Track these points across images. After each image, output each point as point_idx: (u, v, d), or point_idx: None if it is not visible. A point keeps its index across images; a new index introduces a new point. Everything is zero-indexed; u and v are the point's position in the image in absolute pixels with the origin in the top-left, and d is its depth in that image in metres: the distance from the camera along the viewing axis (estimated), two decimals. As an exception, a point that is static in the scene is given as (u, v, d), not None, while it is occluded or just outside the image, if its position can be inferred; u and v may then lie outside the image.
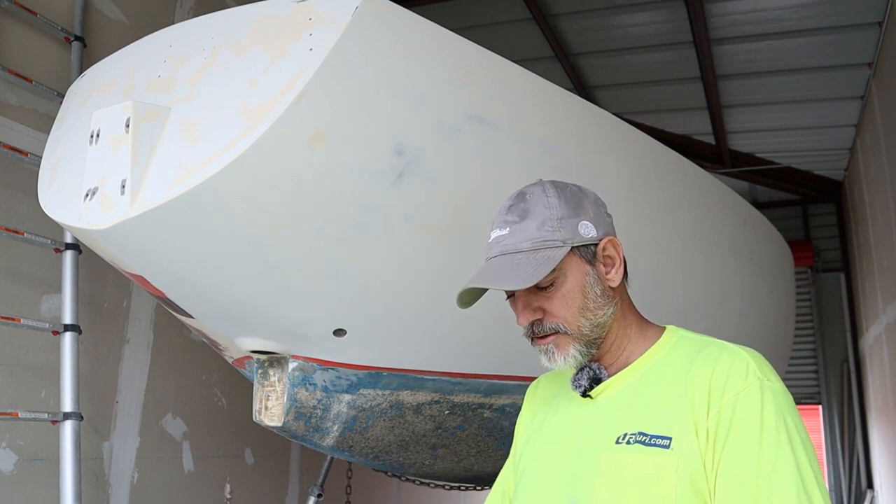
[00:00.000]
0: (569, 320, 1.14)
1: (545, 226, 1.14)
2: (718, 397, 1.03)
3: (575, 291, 1.14)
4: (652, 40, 5.72)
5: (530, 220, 1.14)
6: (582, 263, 1.15)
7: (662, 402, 1.08)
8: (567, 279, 1.14)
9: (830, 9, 5.03)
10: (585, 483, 1.08)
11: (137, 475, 3.70)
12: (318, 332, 2.04)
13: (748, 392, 1.02)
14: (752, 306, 3.72)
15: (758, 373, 1.05)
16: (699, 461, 1.01)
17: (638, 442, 1.06)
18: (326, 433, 2.17)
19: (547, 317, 1.15)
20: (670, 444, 1.03)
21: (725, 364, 1.07)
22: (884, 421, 6.51)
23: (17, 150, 2.97)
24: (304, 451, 5.16)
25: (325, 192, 1.76)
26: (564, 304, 1.14)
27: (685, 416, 1.05)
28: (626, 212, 2.61)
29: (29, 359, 3.12)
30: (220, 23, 1.83)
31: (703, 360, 1.09)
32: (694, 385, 1.06)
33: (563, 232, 1.14)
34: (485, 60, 2.07)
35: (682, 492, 1.00)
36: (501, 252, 1.15)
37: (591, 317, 1.14)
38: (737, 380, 1.04)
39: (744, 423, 1.00)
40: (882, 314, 6.09)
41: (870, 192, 6.29)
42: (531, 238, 1.13)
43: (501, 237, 1.16)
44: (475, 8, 5.65)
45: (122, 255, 1.84)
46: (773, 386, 1.04)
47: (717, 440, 1.01)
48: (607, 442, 1.09)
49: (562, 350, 1.14)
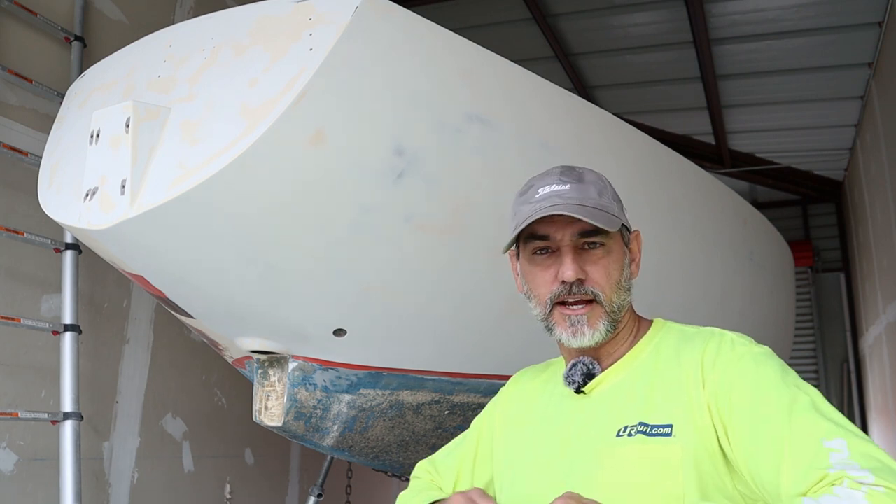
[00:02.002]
0: (606, 291, 1.11)
1: (603, 195, 1.14)
2: (710, 369, 1.04)
3: (617, 264, 1.14)
4: (652, 40, 5.71)
5: (589, 185, 1.14)
6: (622, 243, 1.16)
7: (658, 391, 1.08)
8: (613, 250, 1.14)
9: (830, 9, 5.03)
10: (587, 476, 1.06)
11: (137, 475, 3.70)
12: (318, 332, 2.04)
13: (740, 358, 1.04)
14: (752, 306, 3.72)
15: (746, 343, 1.07)
16: (702, 443, 1.01)
17: (640, 433, 1.04)
18: (326, 433, 2.17)
19: (589, 281, 1.11)
20: (672, 432, 1.03)
21: (713, 344, 1.08)
22: (884, 421, 6.51)
23: (17, 150, 2.97)
24: (304, 451, 5.16)
25: (325, 192, 1.76)
26: (607, 273, 1.12)
27: (682, 400, 1.04)
28: (625, 212, 2.62)
29: (29, 359, 3.12)
30: (220, 23, 1.83)
31: (692, 345, 1.10)
32: (685, 369, 1.07)
33: (616, 208, 1.15)
34: (485, 60, 2.07)
35: (688, 477, 0.99)
36: (566, 201, 1.10)
37: (623, 295, 1.14)
38: (726, 353, 1.05)
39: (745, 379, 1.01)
40: (882, 314, 6.09)
41: (870, 192, 6.29)
42: (594, 199, 1.12)
43: (562, 191, 1.12)
44: (475, 8, 5.65)
45: (122, 255, 1.84)
46: (764, 351, 1.06)
47: (721, 406, 1.00)
48: (607, 436, 1.08)
49: (592, 323, 1.11)
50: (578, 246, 1.12)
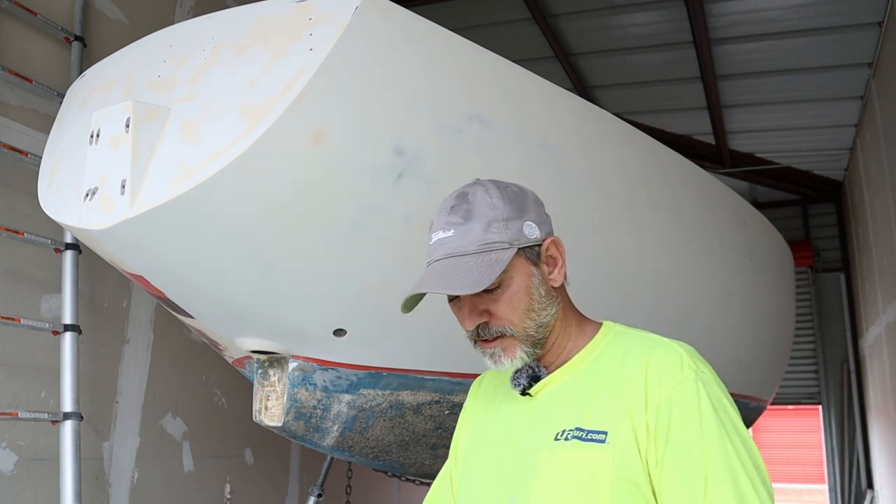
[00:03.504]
0: (515, 322, 1.12)
1: (491, 227, 1.10)
2: (655, 390, 1.04)
3: (521, 293, 1.12)
4: (652, 40, 5.72)
5: (475, 221, 1.11)
6: (527, 265, 1.13)
7: (599, 397, 1.08)
8: (513, 281, 1.12)
9: (830, 9, 5.03)
10: (525, 482, 1.08)
11: (137, 475, 3.70)
12: (318, 332, 2.04)
13: (684, 384, 1.03)
14: (752, 306, 3.72)
15: (691, 364, 1.06)
16: (636, 454, 1.01)
17: (575, 438, 1.05)
18: (326, 433, 2.17)
19: (493, 320, 1.12)
20: (606, 439, 1.03)
21: (659, 357, 1.07)
22: (884, 421, 6.51)
23: (17, 150, 2.97)
24: (304, 451, 5.16)
25: (325, 192, 1.76)
26: (511, 307, 1.12)
27: (621, 409, 1.04)
28: (626, 212, 2.61)
29: (29, 359, 3.12)
30: (220, 23, 1.83)
31: (637, 353, 1.09)
32: (629, 378, 1.07)
33: (509, 233, 1.11)
34: (485, 60, 2.07)
35: (617, 485, 1.00)
36: (447, 255, 1.11)
37: (537, 318, 1.13)
38: (671, 372, 1.05)
39: (684, 418, 1.01)
40: (882, 314, 6.09)
41: (870, 192, 6.29)
42: (477, 240, 1.10)
43: (445, 239, 1.12)
44: (475, 8, 5.65)
45: (122, 255, 1.84)
46: (706, 377, 1.05)
47: (659, 435, 1.01)
48: (546, 439, 1.09)
49: (509, 353, 1.13)
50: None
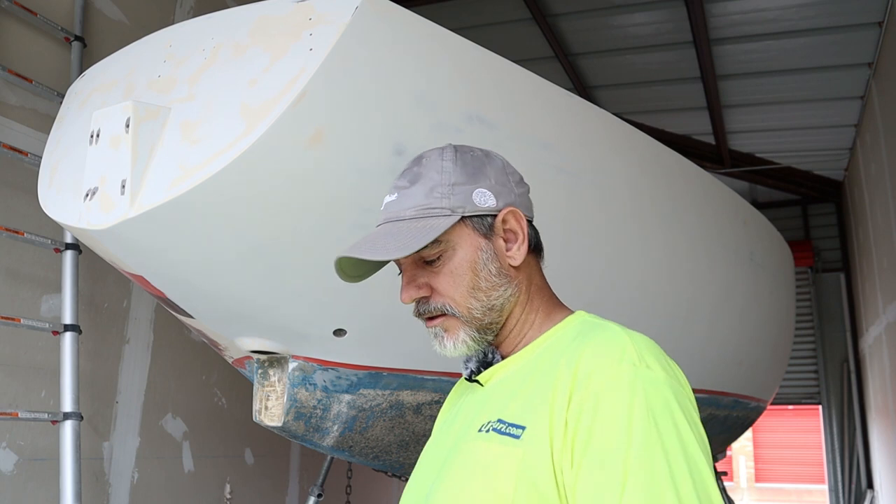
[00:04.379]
0: (457, 300, 1.00)
1: (434, 192, 1.00)
2: (583, 384, 0.88)
3: (464, 268, 1.00)
4: (652, 40, 5.72)
5: (420, 185, 1.01)
6: (475, 236, 1.01)
7: (527, 389, 0.95)
8: (456, 253, 1.00)
9: (830, 9, 5.03)
10: (442, 473, 0.97)
11: (137, 475, 3.70)
12: (318, 332, 2.04)
13: (617, 382, 0.86)
14: (753, 306, 3.72)
15: (633, 358, 0.88)
16: (547, 456, 0.87)
17: (494, 430, 0.93)
18: (326, 433, 2.17)
19: (434, 295, 1.01)
20: (521, 435, 0.90)
21: (596, 346, 0.92)
22: (884, 421, 6.51)
23: (17, 150, 2.97)
24: (304, 451, 5.16)
25: (325, 192, 1.76)
26: (452, 282, 1.00)
27: (543, 403, 0.91)
28: (626, 212, 2.61)
29: (29, 359, 3.12)
30: (220, 23, 1.83)
31: (579, 343, 0.94)
32: (561, 370, 0.92)
33: (454, 199, 1.00)
34: (485, 60, 2.07)
35: (520, 488, 0.87)
36: (386, 219, 1.02)
37: (484, 298, 1.00)
38: (605, 365, 0.88)
39: (609, 421, 0.84)
40: (882, 314, 6.09)
41: (870, 192, 6.29)
42: (417, 205, 1.00)
43: (389, 203, 1.03)
44: (475, 8, 5.65)
45: (121, 255, 1.83)
46: (650, 374, 0.87)
47: (578, 438, 0.85)
48: (472, 430, 0.97)
49: (451, 334, 1.01)
50: (418, 260, 1.02)
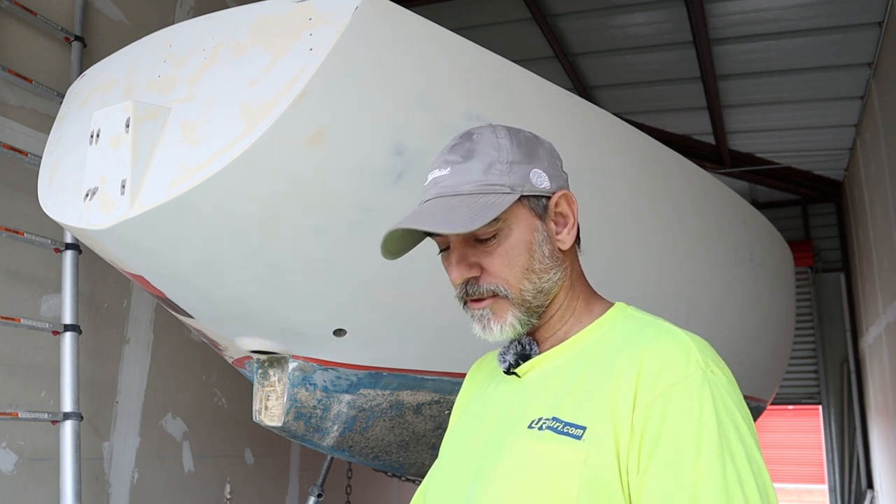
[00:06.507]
0: (510, 281, 0.98)
1: (492, 169, 0.97)
2: (649, 388, 0.86)
3: (520, 248, 0.98)
4: (652, 40, 5.72)
5: (476, 160, 0.98)
6: (531, 217, 0.99)
7: (586, 386, 0.92)
8: (512, 233, 0.98)
9: (830, 9, 5.03)
10: (487, 468, 0.94)
11: (137, 475, 3.70)
12: (318, 332, 2.04)
13: (686, 385, 0.85)
14: (753, 306, 3.72)
15: (700, 361, 0.88)
16: (613, 457, 0.85)
17: (550, 429, 0.90)
18: (326, 433, 2.17)
19: (485, 276, 0.99)
20: (583, 436, 0.87)
21: (660, 346, 0.90)
22: (884, 421, 6.51)
23: (17, 150, 2.97)
24: (304, 451, 5.16)
25: (325, 192, 1.76)
26: (507, 262, 0.97)
27: (603, 403, 0.89)
28: (626, 212, 2.61)
29: (29, 359, 3.12)
30: (220, 23, 1.83)
31: (637, 340, 0.93)
32: (622, 370, 0.90)
33: (513, 177, 0.97)
34: (485, 60, 2.07)
35: (587, 490, 0.85)
36: (438, 194, 0.98)
37: (536, 280, 0.98)
38: (672, 368, 0.87)
39: (679, 426, 0.83)
40: (882, 314, 6.09)
41: (870, 192, 6.29)
42: (475, 181, 0.97)
43: (440, 178, 0.99)
44: (475, 8, 5.65)
45: (121, 255, 1.84)
46: (716, 379, 0.87)
47: (645, 443, 0.84)
48: (520, 426, 0.94)
49: (499, 317, 0.98)
50: (468, 238, 0.99)
